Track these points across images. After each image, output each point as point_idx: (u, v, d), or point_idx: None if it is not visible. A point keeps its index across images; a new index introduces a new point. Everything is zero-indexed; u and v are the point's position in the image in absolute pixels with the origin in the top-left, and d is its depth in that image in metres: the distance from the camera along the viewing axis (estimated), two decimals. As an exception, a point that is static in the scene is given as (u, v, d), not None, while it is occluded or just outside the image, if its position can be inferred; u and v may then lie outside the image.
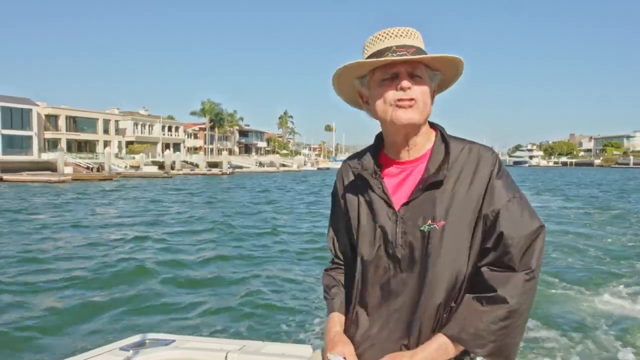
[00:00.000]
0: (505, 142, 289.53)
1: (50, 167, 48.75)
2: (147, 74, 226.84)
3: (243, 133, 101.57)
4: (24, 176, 41.64)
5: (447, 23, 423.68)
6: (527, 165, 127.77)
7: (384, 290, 1.37)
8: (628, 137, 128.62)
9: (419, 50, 1.31)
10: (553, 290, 7.14)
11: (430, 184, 1.31)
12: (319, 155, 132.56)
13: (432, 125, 1.42)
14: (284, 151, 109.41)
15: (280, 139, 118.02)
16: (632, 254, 9.90)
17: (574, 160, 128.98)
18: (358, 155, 1.48)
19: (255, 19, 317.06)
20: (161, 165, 61.23)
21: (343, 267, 1.57)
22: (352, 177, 1.46)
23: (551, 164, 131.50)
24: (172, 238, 12.59)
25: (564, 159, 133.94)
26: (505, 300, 1.23)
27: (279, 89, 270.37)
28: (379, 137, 1.47)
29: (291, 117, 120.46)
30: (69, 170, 47.46)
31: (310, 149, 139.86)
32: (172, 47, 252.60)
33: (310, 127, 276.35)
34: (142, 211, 19.49)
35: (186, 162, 67.30)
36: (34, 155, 55.71)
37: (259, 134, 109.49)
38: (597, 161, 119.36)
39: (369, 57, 1.34)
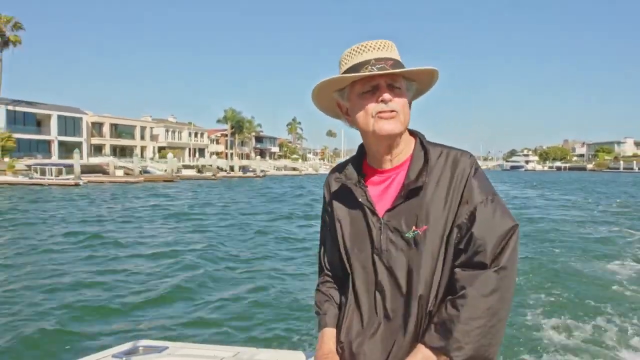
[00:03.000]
0: (501, 147, 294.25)
1: (101, 170, 53.83)
2: (147, 74, 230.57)
3: (258, 139, 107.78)
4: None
5: (447, 23, 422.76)
6: (523, 169, 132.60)
7: (371, 298, 1.38)
8: (619, 142, 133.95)
9: (397, 63, 1.34)
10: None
11: (411, 190, 1.34)
12: (322, 159, 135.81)
13: (412, 133, 1.46)
14: (295, 156, 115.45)
15: (290, 144, 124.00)
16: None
17: (567, 165, 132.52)
18: (342, 166, 1.52)
19: (255, 20, 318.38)
20: (197, 169, 67.24)
21: (333, 279, 1.57)
22: (336, 187, 1.49)
23: (546, 168, 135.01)
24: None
25: (558, 163, 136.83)
26: (475, 300, 1.23)
27: (279, 89, 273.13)
28: (362, 148, 1.50)
29: (299, 123, 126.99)
30: (119, 173, 52.28)
31: (313, 154, 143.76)
32: (172, 47, 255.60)
33: (311, 131, 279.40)
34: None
35: (219, 167, 73.12)
36: (84, 160, 61.09)
37: (272, 140, 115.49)
38: (590, 166, 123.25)
39: (348, 70, 1.36)
